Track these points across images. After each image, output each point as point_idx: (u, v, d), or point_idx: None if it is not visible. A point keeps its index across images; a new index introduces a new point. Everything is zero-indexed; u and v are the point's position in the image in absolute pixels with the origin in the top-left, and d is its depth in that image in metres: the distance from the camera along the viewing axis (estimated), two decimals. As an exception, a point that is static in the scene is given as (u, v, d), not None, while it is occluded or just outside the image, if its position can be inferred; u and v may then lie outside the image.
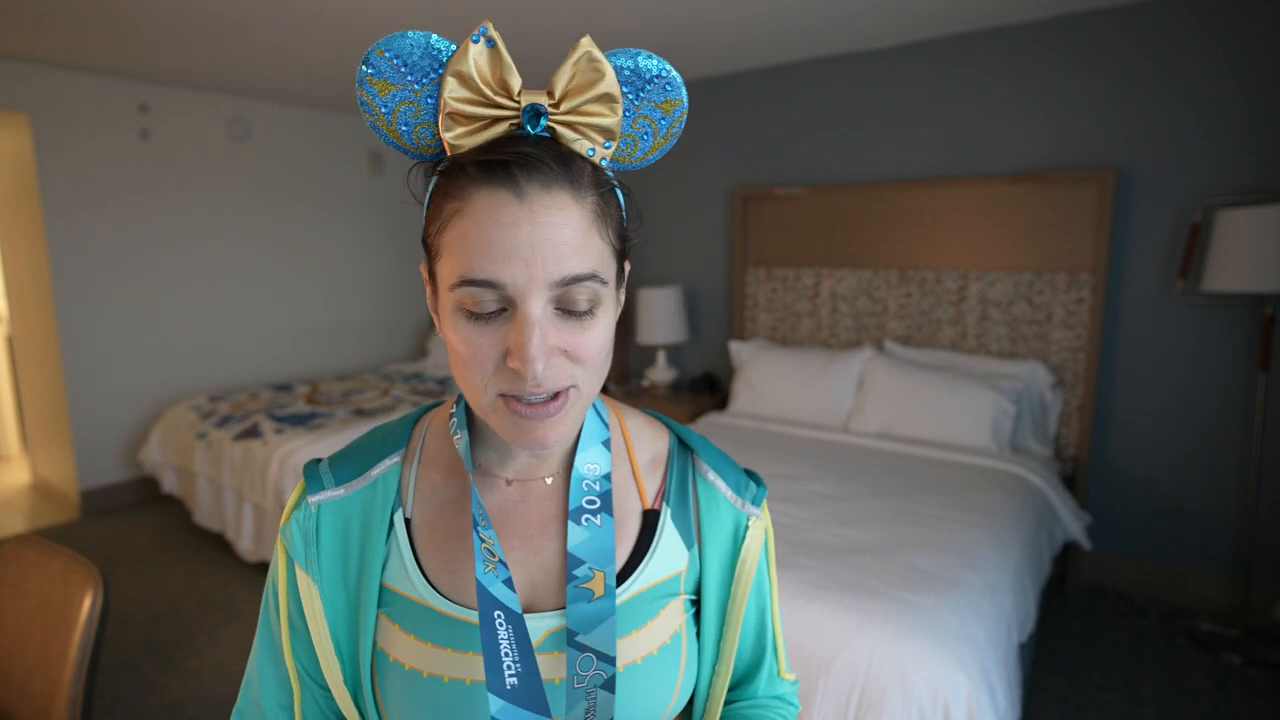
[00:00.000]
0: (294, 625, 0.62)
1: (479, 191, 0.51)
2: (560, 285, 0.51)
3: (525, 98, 0.52)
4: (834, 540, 1.99)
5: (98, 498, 3.81)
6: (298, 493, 0.63)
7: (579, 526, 0.62)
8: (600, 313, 0.54)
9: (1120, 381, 2.85)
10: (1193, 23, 2.59)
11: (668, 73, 0.57)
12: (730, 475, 0.69)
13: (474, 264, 0.51)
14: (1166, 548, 2.82)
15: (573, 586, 0.60)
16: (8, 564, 1.24)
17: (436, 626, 0.59)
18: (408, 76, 0.52)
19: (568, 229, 0.51)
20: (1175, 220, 2.68)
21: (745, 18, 2.85)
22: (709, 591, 0.66)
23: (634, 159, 0.61)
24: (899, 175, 3.28)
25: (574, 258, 0.51)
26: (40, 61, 3.39)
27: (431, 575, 0.61)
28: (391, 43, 0.51)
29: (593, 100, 0.53)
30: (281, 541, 0.62)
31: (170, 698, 2.26)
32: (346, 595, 0.61)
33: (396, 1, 2.63)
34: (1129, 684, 2.27)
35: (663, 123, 0.59)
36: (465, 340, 0.53)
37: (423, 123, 0.54)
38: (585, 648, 0.58)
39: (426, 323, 5.39)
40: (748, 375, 3.43)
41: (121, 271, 3.78)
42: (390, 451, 0.64)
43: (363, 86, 0.52)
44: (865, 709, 1.53)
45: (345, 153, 4.75)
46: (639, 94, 0.57)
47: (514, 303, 0.51)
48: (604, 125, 0.54)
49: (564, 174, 0.52)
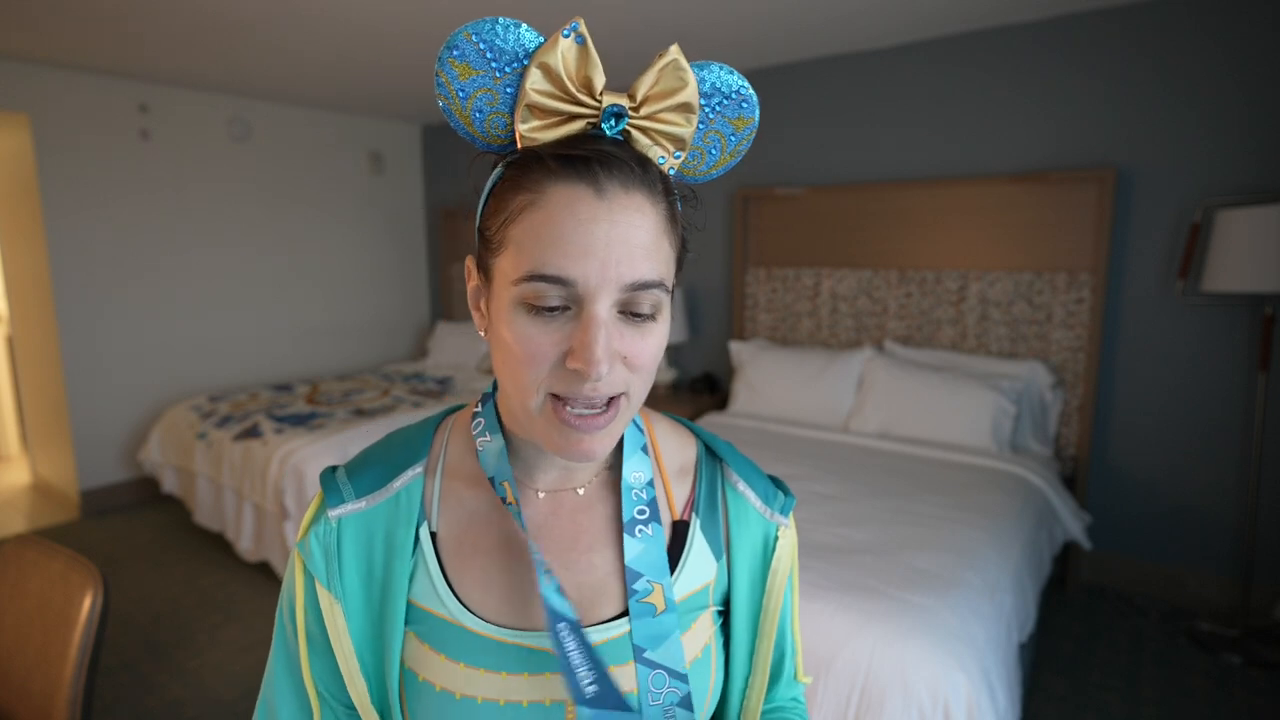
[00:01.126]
0: (313, 644, 0.59)
1: (556, 185, 0.50)
2: (629, 289, 0.50)
3: (607, 98, 0.51)
4: (834, 540, 1.99)
5: (98, 498, 3.81)
6: (315, 505, 0.61)
7: (634, 539, 0.60)
8: (659, 320, 0.53)
9: (1120, 381, 2.85)
10: (1193, 23, 2.59)
11: (745, 90, 0.57)
12: (759, 484, 0.68)
13: (546, 258, 0.49)
14: (1166, 548, 2.82)
15: (635, 601, 0.58)
16: (8, 564, 1.24)
17: (469, 646, 0.57)
18: (492, 63, 0.51)
19: (643, 231, 0.50)
20: (1175, 220, 2.68)
21: (745, 18, 2.85)
22: (739, 603, 0.65)
23: (699, 172, 0.60)
24: (899, 175, 3.28)
25: (646, 262, 0.51)
26: (40, 61, 3.39)
27: (462, 593, 0.58)
28: (480, 28, 0.50)
29: (671, 109, 0.52)
30: (299, 557, 0.59)
31: (170, 698, 2.26)
32: (370, 613, 0.58)
33: (396, 1, 2.63)
34: (1129, 684, 2.27)
35: (732, 139, 0.59)
36: (524, 337, 0.51)
37: (497, 112, 0.53)
38: (655, 664, 0.57)
39: (426, 323, 5.39)
40: (748, 375, 3.43)
41: (121, 271, 3.78)
42: (412, 461, 0.61)
43: (443, 68, 0.51)
44: (865, 709, 1.53)
45: (345, 153, 4.75)
46: (714, 108, 0.57)
47: (581, 302, 0.50)
48: (678, 134, 0.53)
49: (642, 176, 0.51)
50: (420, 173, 5.29)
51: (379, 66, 3.55)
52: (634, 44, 3.17)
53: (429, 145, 5.22)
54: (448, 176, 5.15)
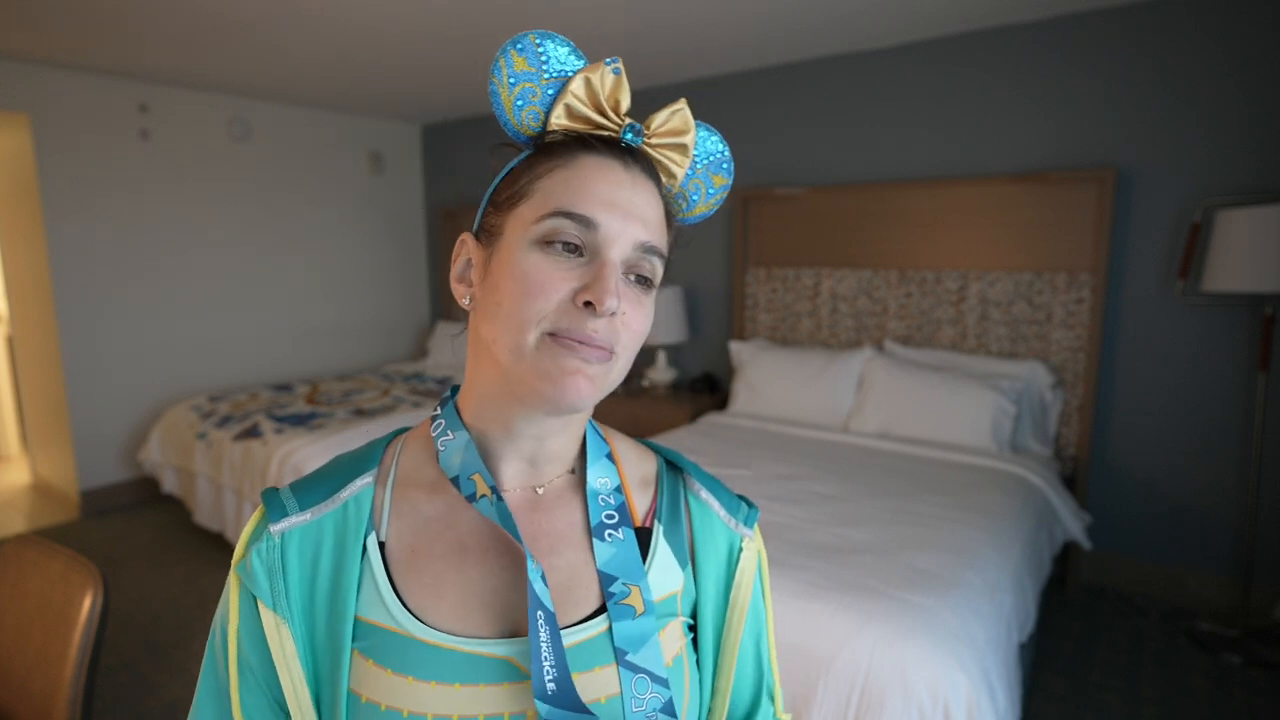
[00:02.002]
0: (246, 675, 0.55)
1: (589, 155, 0.57)
2: (639, 249, 0.56)
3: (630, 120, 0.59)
4: (834, 540, 1.99)
5: (98, 498, 3.81)
6: (254, 523, 0.57)
7: (604, 543, 0.60)
8: (651, 298, 0.59)
9: (1120, 381, 2.85)
10: (1193, 23, 2.59)
11: (728, 156, 0.67)
12: (722, 495, 0.68)
13: (575, 200, 0.54)
14: (1166, 548, 2.82)
15: (613, 604, 0.58)
16: (8, 564, 1.24)
17: (420, 659, 0.54)
18: (544, 65, 0.58)
19: (655, 208, 0.58)
20: (1175, 220, 2.68)
21: (745, 18, 2.85)
22: (705, 615, 0.64)
23: (681, 212, 0.66)
24: (899, 175, 3.28)
25: (656, 230, 0.57)
26: (40, 61, 3.39)
27: (412, 603, 0.56)
28: (544, 37, 0.58)
29: (674, 146, 0.61)
30: (236, 579, 0.56)
31: (170, 698, 2.26)
32: (314, 633, 0.55)
33: (396, 1, 2.63)
34: (1129, 684, 2.27)
35: (710, 193, 0.67)
36: (537, 269, 0.53)
37: (533, 106, 0.59)
38: (638, 668, 0.56)
39: (426, 323, 5.39)
40: (748, 375, 3.43)
41: (121, 271, 3.78)
42: (360, 471, 0.59)
43: (504, 56, 0.57)
44: (865, 709, 1.53)
45: (345, 153, 4.75)
46: (702, 161, 0.65)
47: (597, 248, 0.54)
48: (673, 170, 0.61)
49: (653, 173, 0.60)
50: (420, 173, 5.29)
51: (379, 66, 3.55)
52: (634, 44, 3.17)
53: (429, 145, 5.22)
54: (448, 176, 5.14)
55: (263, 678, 0.55)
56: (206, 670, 0.58)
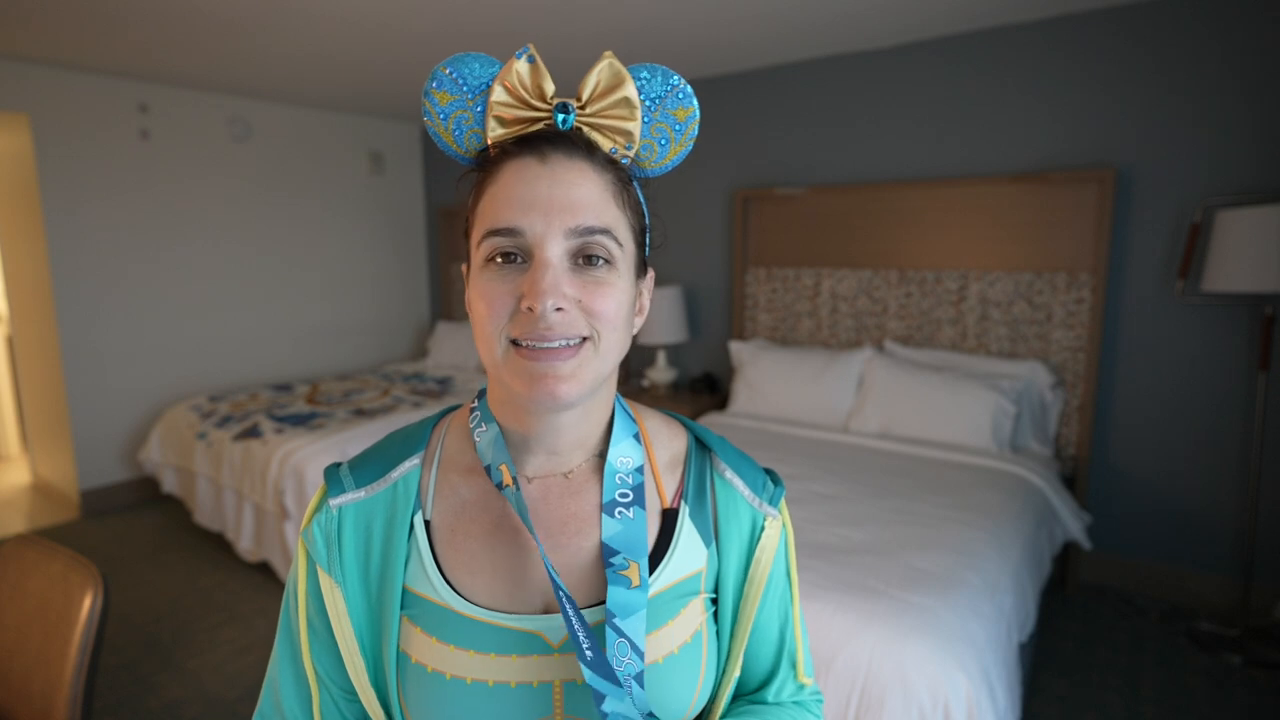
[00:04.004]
0: (313, 628, 0.63)
1: (509, 161, 0.58)
2: (576, 235, 0.56)
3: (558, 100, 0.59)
4: (834, 540, 1.99)
5: (98, 498, 3.81)
6: (319, 496, 0.65)
7: (612, 519, 0.63)
8: (616, 277, 0.58)
9: (1120, 381, 2.85)
10: (1193, 23, 2.59)
11: (679, 82, 0.63)
12: (748, 474, 0.70)
13: (498, 216, 0.56)
14: (1166, 548, 2.82)
15: (612, 571, 0.61)
16: (8, 564, 1.24)
17: (458, 629, 0.60)
18: (464, 88, 0.60)
19: (585, 189, 0.57)
20: (1175, 220, 2.68)
21: (745, 18, 2.85)
22: (726, 591, 0.67)
23: (655, 163, 0.65)
24: (899, 175, 3.28)
25: (590, 212, 0.57)
26: (40, 61, 3.39)
27: (452, 578, 0.62)
28: (453, 62, 0.59)
29: (615, 105, 0.60)
30: (303, 544, 0.63)
31: (170, 698, 2.26)
32: (368, 597, 0.62)
33: (396, 1, 2.63)
34: (1129, 684, 2.27)
35: (677, 129, 0.64)
36: (485, 290, 0.57)
37: (472, 129, 0.61)
38: (622, 633, 0.59)
39: (427, 323, 5.39)
40: (748, 375, 3.43)
41: (121, 271, 3.78)
42: (409, 453, 0.65)
43: (427, 97, 0.60)
44: (865, 709, 1.53)
45: (345, 153, 4.75)
46: (655, 103, 0.63)
47: (530, 252, 0.56)
48: (625, 128, 0.60)
49: (585, 152, 0.59)
50: (420, 173, 5.29)
51: (379, 66, 3.55)
52: (632, 45, 3.17)
53: (429, 145, 5.22)
54: (448, 176, 5.14)
55: (324, 633, 0.63)
56: (283, 625, 0.66)
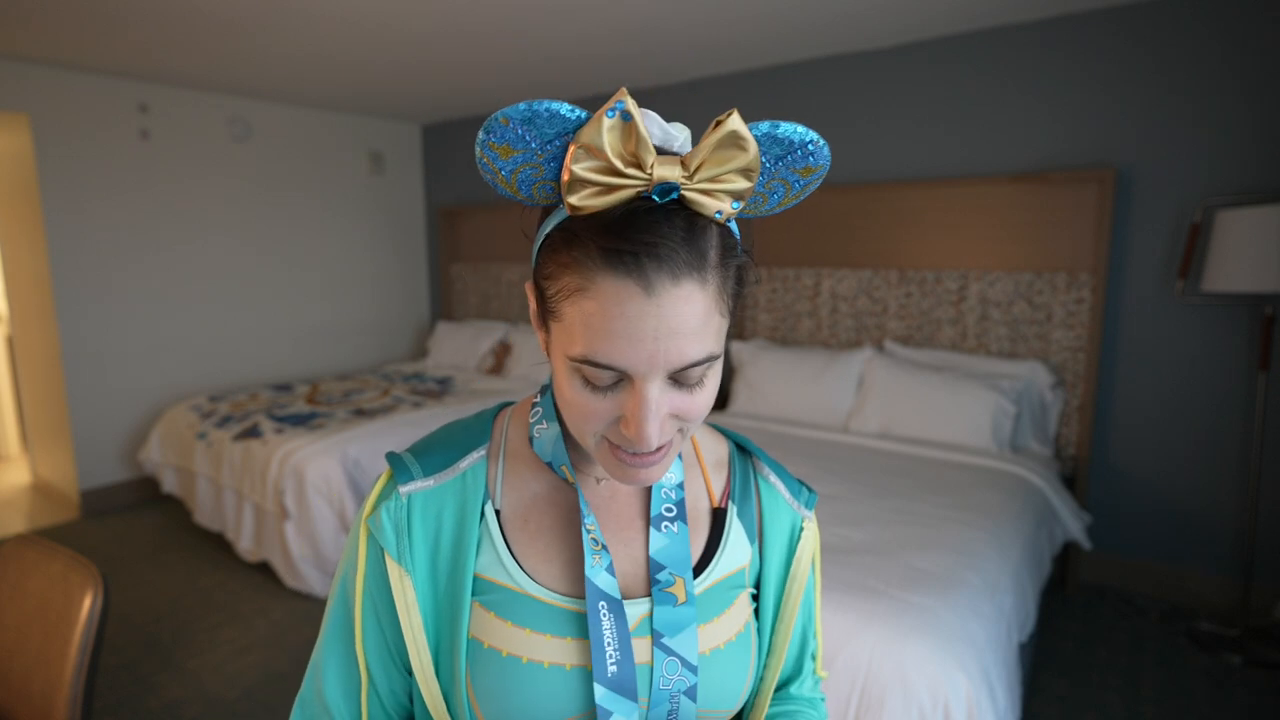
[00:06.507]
0: (369, 615, 0.63)
1: (605, 279, 0.50)
2: (678, 370, 0.53)
3: (658, 170, 0.49)
4: (834, 540, 1.99)
5: (98, 498, 3.81)
6: (383, 482, 0.64)
7: (659, 533, 0.66)
8: (710, 379, 0.56)
9: (1120, 381, 2.85)
10: (1193, 23, 2.59)
11: (814, 144, 0.55)
12: (786, 479, 0.74)
13: (597, 347, 0.51)
14: (1166, 548, 2.82)
15: (658, 590, 0.63)
16: (8, 564, 1.24)
17: (535, 613, 0.61)
18: (531, 144, 0.51)
19: (692, 318, 0.51)
20: (1175, 220, 2.68)
21: (745, 18, 2.85)
22: (767, 589, 0.70)
23: (759, 211, 0.61)
24: (899, 175, 3.28)
25: (695, 345, 0.52)
26: (40, 61, 3.39)
27: (527, 565, 0.63)
28: (514, 113, 0.49)
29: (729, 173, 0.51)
30: (366, 531, 0.63)
31: (170, 698, 2.26)
32: (435, 586, 0.62)
33: (397, 1, 2.63)
34: (1129, 684, 2.27)
35: (797, 185, 0.58)
36: (581, 402, 0.55)
37: (543, 181, 0.54)
38: (670, 651, 0.61)
39: (427, 323, 5.39)
40: (748, 375, 3.43)
41: (121, 271, 3.78)
42: (475, 445, 0.66)
43: (484, 149, 0.51)
44: (865, 709, 1.53)
45: (345, 153, 4.75)
46: (778, 161, 0.56)
47: (630, 380, 0.53)
48: (737, 190, 0.52)
49: (690, 258, 0.50)
50: (420, 173, 5.29)
51: (379, 66, 3.55)
52: (632, 45, 3.17)
53: (429, 145, 5.22)
54: (448, 177, 5.14)
55: (386, 620, 0.63)
56: (334, 611, 0.66)
